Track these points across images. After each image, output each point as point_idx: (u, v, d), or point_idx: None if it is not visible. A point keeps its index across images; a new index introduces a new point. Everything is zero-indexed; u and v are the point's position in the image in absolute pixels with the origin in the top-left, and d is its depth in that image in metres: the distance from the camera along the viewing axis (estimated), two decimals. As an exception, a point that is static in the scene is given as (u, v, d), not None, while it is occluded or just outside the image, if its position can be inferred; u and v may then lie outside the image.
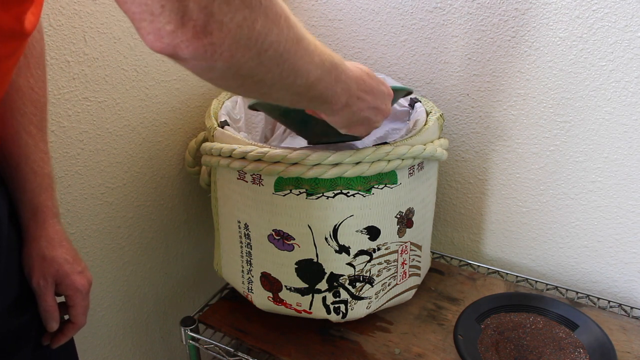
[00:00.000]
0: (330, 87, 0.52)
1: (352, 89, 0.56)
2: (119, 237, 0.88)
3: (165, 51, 0.36)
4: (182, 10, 0.35)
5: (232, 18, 0.37)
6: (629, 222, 0.86)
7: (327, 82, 0.51)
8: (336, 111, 0.57)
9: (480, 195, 0.98)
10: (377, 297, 0.79)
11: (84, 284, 0.59)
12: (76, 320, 0.60)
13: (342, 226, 0.72)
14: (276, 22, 0.41)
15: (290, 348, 0.79)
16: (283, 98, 0.50)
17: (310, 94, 0.50)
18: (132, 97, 0.84)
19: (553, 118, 0.86)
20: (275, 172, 0.69)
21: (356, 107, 0.58)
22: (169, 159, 0.94)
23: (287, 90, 0.48)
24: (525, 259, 0.98)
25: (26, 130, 0.55)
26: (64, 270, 0.58)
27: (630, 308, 0.86)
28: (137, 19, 0.35)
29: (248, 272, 0.80)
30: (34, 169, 0.56)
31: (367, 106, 0.59)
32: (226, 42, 0.37)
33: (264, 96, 0.49)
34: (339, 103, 0.55)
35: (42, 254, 0.56)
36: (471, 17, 0.87)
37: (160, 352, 1.03)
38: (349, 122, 0.60)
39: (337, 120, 0.59)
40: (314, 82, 0.49)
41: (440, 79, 0.94)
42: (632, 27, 0.76)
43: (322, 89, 0.51)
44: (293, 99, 0.50)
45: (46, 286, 0.56)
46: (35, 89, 0.56)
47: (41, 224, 0.57)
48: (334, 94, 0.53)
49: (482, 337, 0.77)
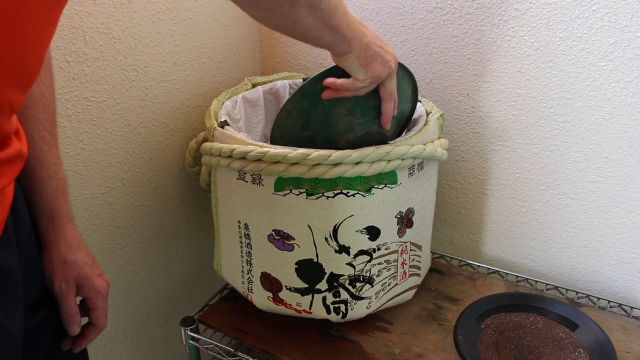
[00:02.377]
0: (344, 16, 0.57)
1: (356, 22, 0.61)
2: (119, 237, 0.88)
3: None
4: None
5: None
6: (629, 222, 0.86)
7: (341, 11, 0.56)
8: (351, 44, 0.60)
9: (480, 195, 0.98)
10: (377, 297, 0.79)
11: (104, 286, 0.60)
12: (98, 322, 0.60)
13: (342, 226, 0.72)
14: None
15: (290, 348, 0.79)
16: (309, 25, 0.54)
17: (330, 23, 0.56)
18: (132, 97, 0.84)
19: (553, 118, 0.86)
20: (275, 172, 0.69)
21: (366, 40, 0.62)
22: (169, 159, 0.94)
23: (315, 13, 0.53)
24: (525, 259, 0.98)
25: (40, 135, 0.56)
26: (84, 273, 0.58)
27: (630, 308, 0.86)
28: None
29: (248, 272, 0.80)
30: (50, 173, 0.56)
31: (372, 40, 0.63)
32: None
33: (296, 22, 0.53)
34: (350, 35, 0.59)
35: (62, 258, 0.56)
36: (471, 17, 0.87)
37: (160, 352, 1.03)
38: (365, 58, 0.63)
39: (353, 59, 0.62)
40: (334, 7, 0.55)
41: (440, 79, 0.94)
42: (632, 27, 0.76)
43: (339, 16, 0.56)
44: (318, 27, 0.55)
45: (68, 289, 0.57)
46: (45, 95, 0.56)
47: (59, 228, 0.57)
48: (347, 24, 0.58)
49: (482, 337, 0.77)
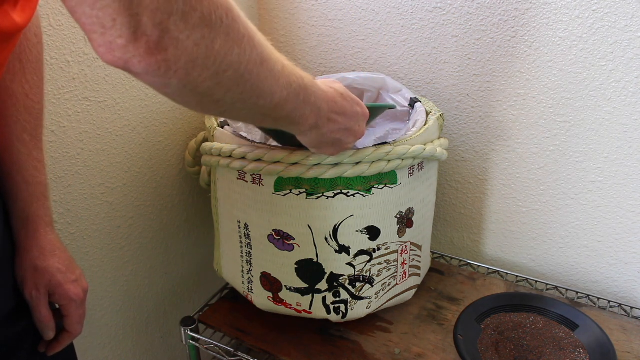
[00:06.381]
0: (298, 108, 0.50)
1: (322, 110, 0.54)
2: (119, 237, 0.88)
3: (117, 64, 0.35)
4: (134, 25, 0.33)
5: (189, 36, 0.35)
6: (629, 222, 0.86)
7: (294, 104, 0.49)
8: (304, 132, 0.56)
9: (480, 195, 0.98)
10: (377, 297, 0.79)
11: (78, 293, 0.58)
12: (71, 329, 0.59)
13: (342, 226, 0.72)
14: (238, 42, 0.39)
15: (290, 348, 0.79)
16: (245, 117, 0.48)
17: (276, 115, 0.49)
18: (132, 97, 0.84)
19: (553, 118, 0.86)
20: (275, 172, 0.69)
21: (326, 129, 0.57)
22: (169, 159, 0.94)
23: (250, 110, 0.46)
24: (525, 259, 0.98)
25: (19, 138, 0.54)
26: (56, 280, 0.56)
27: (630, 308, 0.86)
28: (88, 30, 0.34)
29: (248, 272, 0.80)
30: (26, 178, 0.55)
31: (337, 128, 0.58)
32: (182, 60, 0.36)
33: (225, 114, 0.47)
34: (306, 124, 0.54)
35: (34, 265, 0.55)
36: (471, 17, 0.87)
37: (160, 352, 1.03)
38: (318, 143, 0.60)
39: (305, 140, 0.59)
40: (279, 104, 0.47)
41: (440, 79, 0.94)
42: (632, 27, 0.76)
43: (288, 111, 0.49)
44: (257, 118, 0.49)
45: (39, 297, 0.55)
46: (30, 96, 0.54)
47: (32, 234, 0.56)
48: (301, 115, 0.52)
49: (482, 337, 0.77)
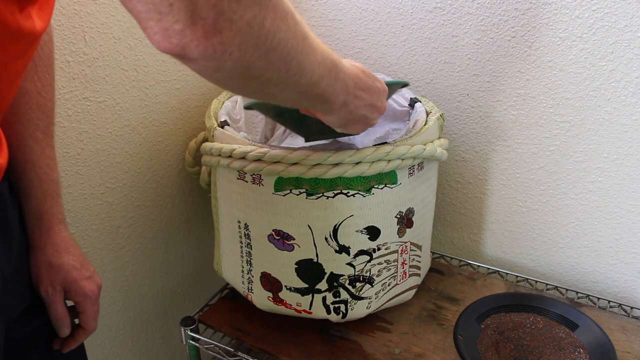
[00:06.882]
0: (331, 85, 0.51)
1: (349, 87, 0.55)
2: (119, 237, 0.88)
3: (173, 51, 0.35)
4: (191, 8, 0.33)
5: (242, 16, 0.35)
6: (629, 222, 0.86)
7: (328, 81, 0.50)
8: (335, 110, 0.56)
9: (480, 195, 0.98)
10: (377, 297, 0.79)
11: (93, 289, 0.59)
12: (86, 325, 0.60)
13: (342, 226, 0.72)
14: (284, 19, 0.39)
15: (290, 348, 0.79)
16: (286, 98, 0.49)
17: (312, 93, 0.49)
18: (132, 97, 0.84)
19: (553, 118, 0.86)
20: (275, 172, 0.69)
21: (353, 106, 0.57)
22: (169, 159, 0.94)
23: (292, 90, 0.46)
24: (525, 259, 0.98)
25: (32, 136, 0.54)
26: (72, 277, 0.57)
27: (630, 308, 0.86)
28: (143, 18, 0.33)
29: (248, 272, 0.80)
30: (40, 175, 0.55)
31: (363, 104, 0.59)
32: (236, 41, 0.36)
33: (269, 96, 0.48)
34: (337, 102, 0.54)
35: (48, 262, 0.55)
36: (471, 17, 0.87)
37: (160, 352, 1.03)
38: (346, 121, 0.59)
39: (334, 119, 0.59)
40: (317, 81, 0.48)
41: (440, 79, 0.94)
42: (632, 27, 0.76)
43: (323, 88, 0.50)
44: (295, 98, 0.49)
45: (55, 294, 0.56)
46: (42, 93, 0.54)
47: (46, 231, 0.56)
48: (333, 92, 0.52)
49: (482, 337, 0.77)
